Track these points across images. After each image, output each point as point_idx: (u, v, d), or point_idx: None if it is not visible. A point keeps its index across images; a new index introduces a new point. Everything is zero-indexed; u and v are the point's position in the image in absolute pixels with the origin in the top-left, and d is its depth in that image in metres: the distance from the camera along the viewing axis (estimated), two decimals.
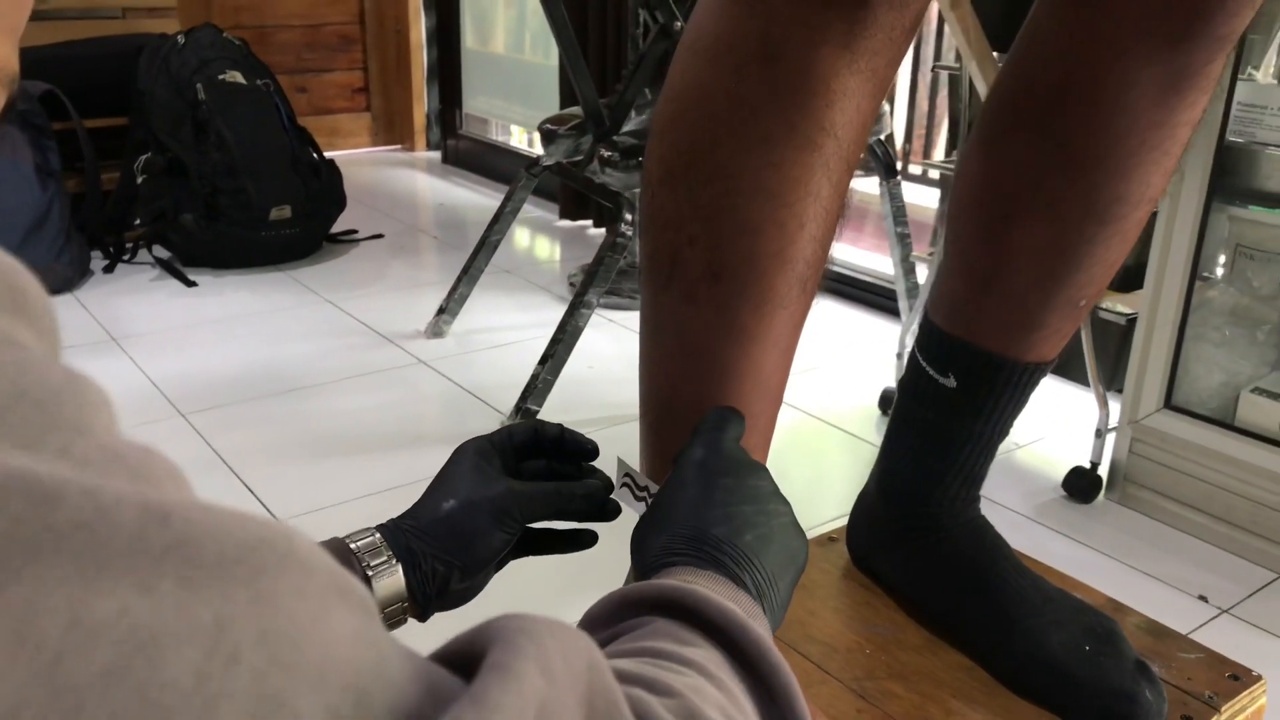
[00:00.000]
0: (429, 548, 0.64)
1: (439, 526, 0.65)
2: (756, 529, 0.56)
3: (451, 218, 3.47)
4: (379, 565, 0.63)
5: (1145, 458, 1.63)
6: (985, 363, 0.84)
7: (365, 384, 2.14)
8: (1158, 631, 0.92)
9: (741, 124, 0.64)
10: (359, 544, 0.64)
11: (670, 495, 0.59)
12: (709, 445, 0.61)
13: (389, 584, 0.63)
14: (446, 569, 0.65)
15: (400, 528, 0.65)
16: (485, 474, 0.66)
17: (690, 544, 0.55)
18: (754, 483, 0.59)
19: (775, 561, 0.56)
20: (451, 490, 0.66)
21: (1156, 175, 0.75)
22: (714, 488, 0.57)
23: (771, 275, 0.66)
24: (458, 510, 0.65)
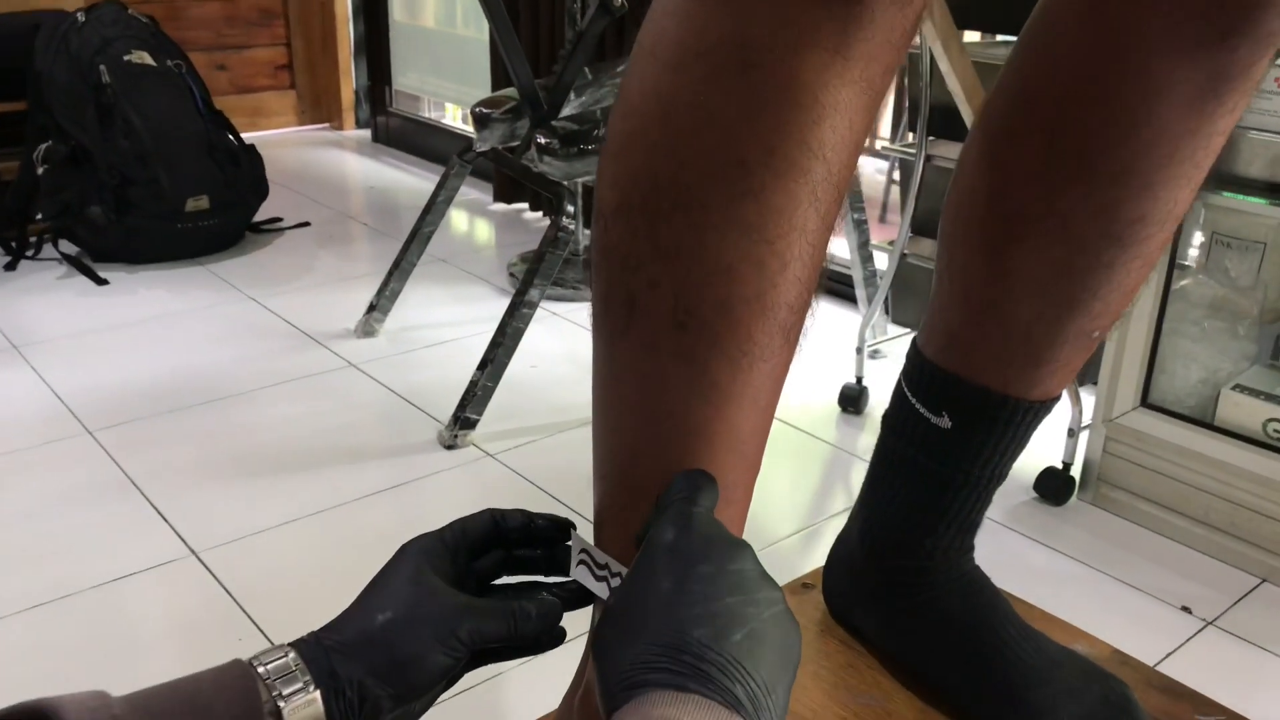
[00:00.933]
0: (356, 671, 0.55)
1: (370, 645, 0.56)
2: (745, 626, 0.47)
3: (383, 202, 3.31)
4: (293, 693, 0.53)
5: (1120, 457, 1.56)
6: (984, 402, 0.73)
7: (291, 391, 1.99)
8: (1170, 689, 0.83)
9: (712, 145, 0.53)
10: (269, 666, 0.54)
11: (638, 590, 0.50)
12: (679, 523, 0.52)
13: (305, 714, 0.53)
14: (376, 697, 0.55)
15: (321, 644, 0.56)
16: (428, 584, 0.58)
17: (668, 654, 0.46)
18: (737, 567, 0.50)
19: (770, 664, 0.47)
20: (388, 601, 0.57)
21: (1185, 190, 0.65)
22: (690, 578, 0.49)
23: (749, 324, 0.55)
24: (394, 627, 0.56)
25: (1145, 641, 1.33)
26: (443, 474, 1.71)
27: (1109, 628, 1.35)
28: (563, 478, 1.69)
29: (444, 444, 1.78)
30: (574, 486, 1.67)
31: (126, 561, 1.46)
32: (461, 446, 1.78)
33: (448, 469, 1.72)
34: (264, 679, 0.53)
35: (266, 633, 1.32)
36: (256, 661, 0.54)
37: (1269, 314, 1.54)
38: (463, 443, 1.78)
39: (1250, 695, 1.26)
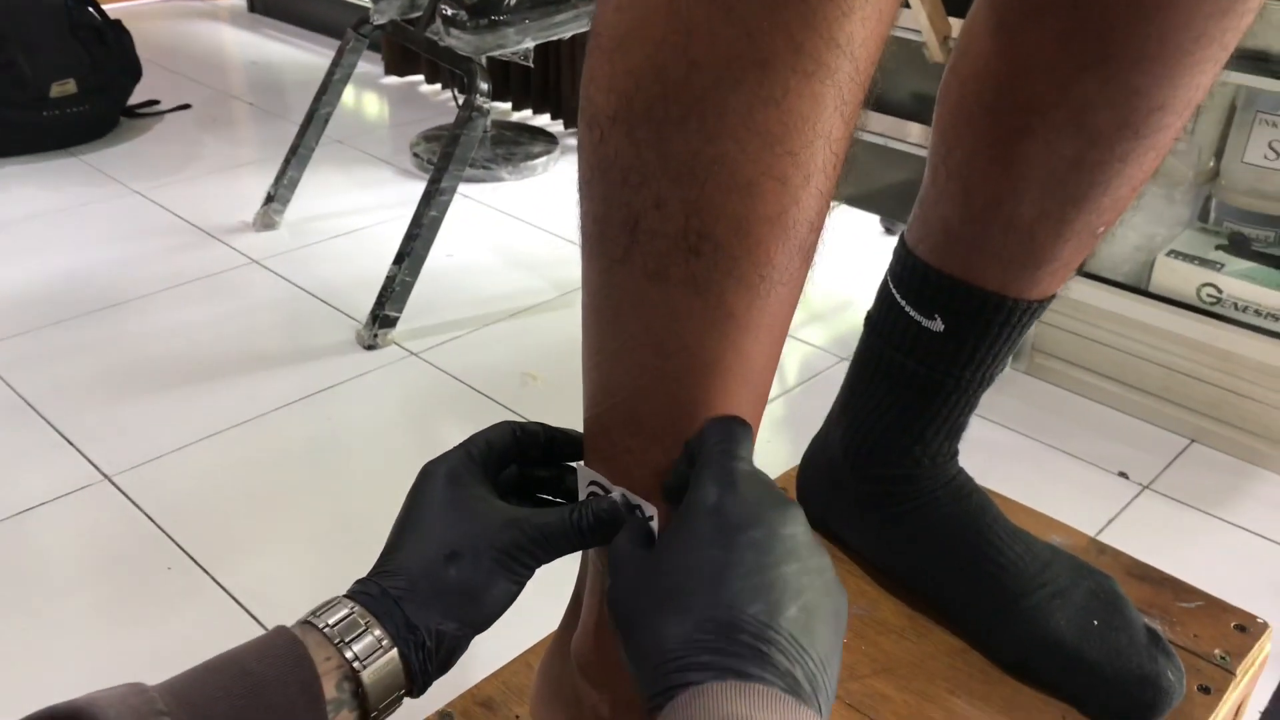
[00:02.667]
0: (433, 619, 0.51)
1: (442, 588, 0.51)
2: (800, 598, 0.44)
3: (267, 78, 3.09)
4: (370, 655, 0.49)
5: (1055, 326, 1.56)
6: (982, 304, 0.69)
7: (191, 293, 1.87)
8: (1148, 576, 0.83)
9: (730, 43, 0.46)
10: (335, 626, 0.49)
11: (681, 557, 0.46)
12: (723, 481, 0.48)
13: (384, 676, 0.50)
14: (454, 638, 0.51)
15: (389, 594, 0.51)
16: (476, 508, 0.54)
17: (722, 633, 0.43)
18: (789, 531, 0.46)
19: (824, 639, 0.44)
20: (444, 533, 0.53)
21: (1209, 75, 0.61)
22: (740, 546, 0.45)
23: (769, 245, 0.49)
24: (461, 563, 0.52)
25: (1086, 509, 1.36)
26: (366, 376, 1.63)
27: (1050, 498, 1.37)
28: (492, 374, 1.63)
29: (364, 344, 1.69)
30: (505, 384, 1.61)
31: (32, 491, 1.36)
32: (382, 346, 1.69)
33: (370, 370, 1.64)
34: (331, 640, 0.49)
35: (197, 559, 1.25)
36: (319, 619, 0.49)
37: (1201, 176, 1.54)
38: (383, 342, 1.70)
39: (1188, 555, 1.29)
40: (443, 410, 1.57)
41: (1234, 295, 1.44)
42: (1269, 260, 1.48)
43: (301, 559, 1.25)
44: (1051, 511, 0.91)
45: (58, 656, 1.13)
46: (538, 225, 2.16)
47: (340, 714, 0.48)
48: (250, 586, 1.21)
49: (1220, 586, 0.83)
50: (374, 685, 0.49)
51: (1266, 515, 1.37)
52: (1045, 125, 0.62)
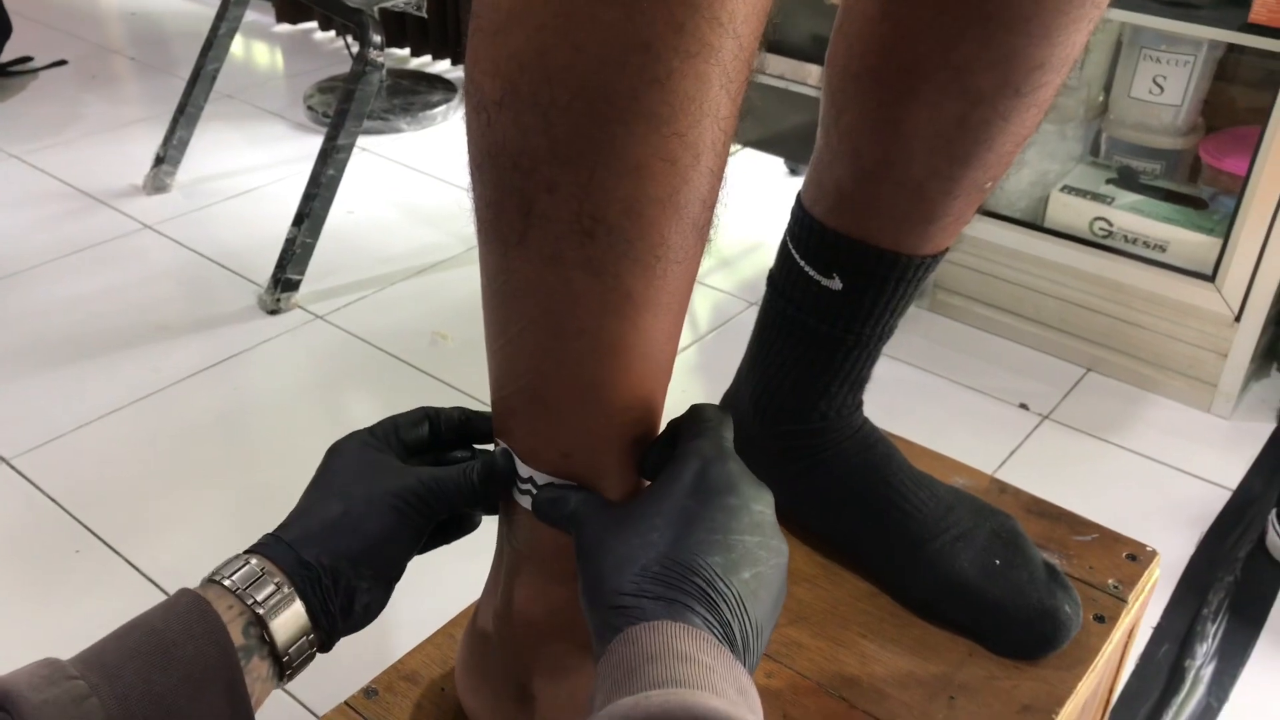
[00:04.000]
0: (327, 557, 0.53)
1: (335, 530, 0.53)
2: (755, 567, 0.48)
3: (147, 30, 2.96)
4: (271, 599, 0.51)
5: (956, 264, 1.59)
6: (877, 262, 0.71)
7: (83, 263, 1.80)
8: (1046, 511, 0.86)
9: (610, 26, 0.45)
10: (234, 577, 0.51)
11: (653, 507, 0.50)
12: (713, 452, 0.52)
13: (288, 618, 0.51)
14: (352, 579, 0.53)
15: (282, 540, 0.53)
16: (380, 464, 0.57)
17: (678, 572, 0.46)
18: (759, 509, 0.50)
19: (765, 610, 0.48)
20: (339, 487, 0.55)
21: (1084, 33, 0.62)
22: (713, 505, 0.49)
23: (662, 226, 0.49)
24: (356, 508, 0.54)
25: (990, 442, 1.41)
26: (271, 342, 1.60)
27: (955, 432, 1.43)
28: (400, 334, 1.61)
29: (266, 309, 1.66)
30: (414, 343, 1.59)
31: None
32: (286, 310, 1.66)
33: (275, 336, 1.61)
34: (232, 590, 0.50)
35: (106, 540, 1.23)
36: (219, 575, 0.51)
37: (1091, 112, 1.57)
38: (287, 306, 1.66)
39: (1087, 481, 1.35)
40: (352, 374, 1.55)
41: (1124, 228, 1.49)
42: (1156, 193, 1.53)
43: (216, 532, 1.24)
44: (957, 445, 0.94)
45: None
46: (440, 177, 2.13)
47: (252, 662, 0.49)
48: (165, 564, 1.19)
49: (1117, 509, 0.87)
50: (279, 626, 0.50)
51: (1159, 439, 1.44)
52: (930, 87, 0.63)
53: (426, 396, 1.48)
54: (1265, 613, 1.21)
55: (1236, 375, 1.45)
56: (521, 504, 0.56)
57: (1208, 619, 1.21)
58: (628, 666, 0.43)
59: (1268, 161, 1.34)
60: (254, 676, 0.50)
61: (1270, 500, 1.32)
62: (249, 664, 0.49)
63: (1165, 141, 1.54)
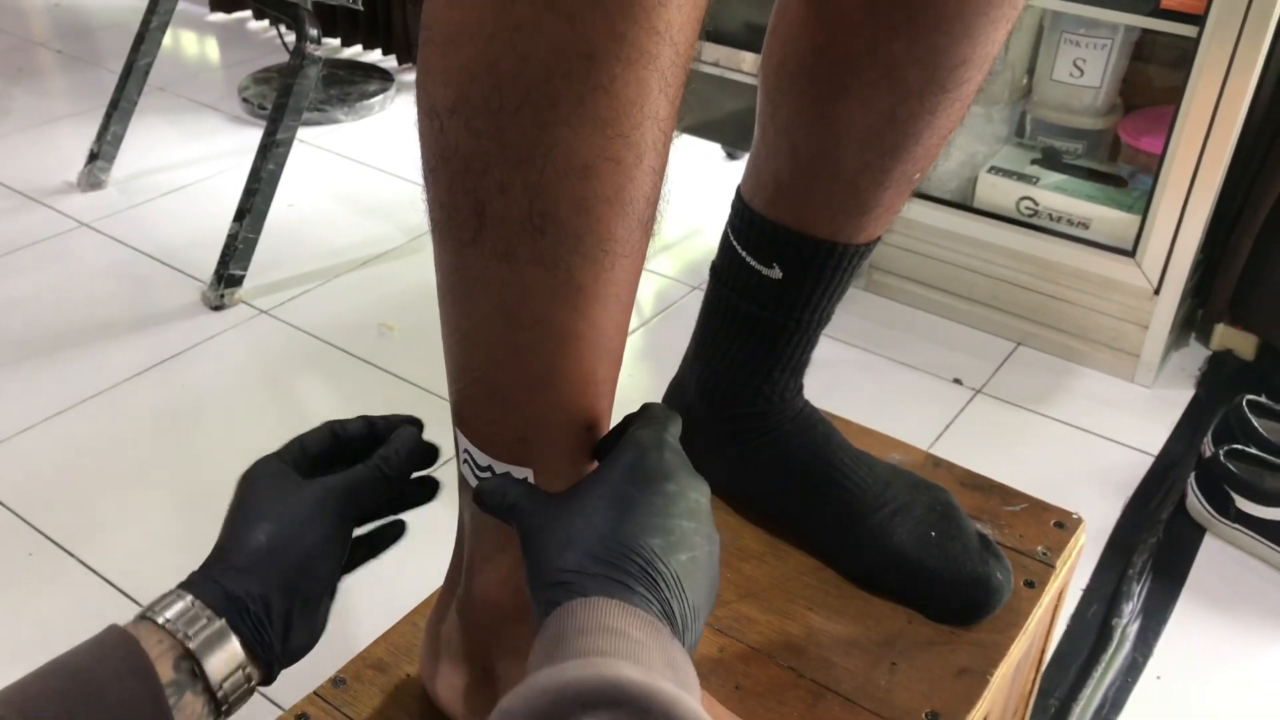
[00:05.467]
0: (255, 585, 0.52)
1: (262, 557, 0.53)
2: (691, 551, 0.49)
3: (73, 21, 2.90)
4: (200, 632, 0.50)
5: (890, 245, 1.64)
6: (815, 251, 0.74)
7: (18, 263, 1.78)
8: (978, 484, 0.90)
9: (555, 36, 0.48)
10: (169, 614, 0.50)
11: (600, 487, 0.52)
12: (654, 442, 0.54)
13: (221, 652, 0.51)
14: (285, 604, 0.53)
15: (208, 574, 0.53)
16: (291, 482, 0.57)
17: (618, 554, 0.48)
18: (696, 496, 0.52)
19: (700, 593, 0.50)
20: (256, 515, 0.55)
21: (1003, 31, 0.66)
22: (654, 491, 0.51)
23: (609, 222, 0.52)
24: (278, 530, 0.54)
25: (926, 416, 1.46)
26: (216, 339, 1.60)
27: (892, 408, 1.47)
28: (346, 326, 1.62)
29: (210, 305, 1.65)
30: (360, 335, 1.60)
31: None
32: (230, 306, 1.66)
33: (220, 332, 1.61)
34: (162, 625, 0.50)
35: (59, 542, 1.23)
36: (150, 612, 0.50)
37: (1016, 94, 1.62)
38: (231, 302, 1.66)
39: (1019, 451, 1.41)
40: (299, 368, 1.56)
41: (1049, 207, 1.55)
42: (1078, 172, 1.58)
43: (168, 530, 1.24)
44: (893, 420, 0.98)
45: None
46: (379, 168, 2.13)
47: (184, 698, 0.49)
48: (119, 564, 1.20)
49: (1047, 477, 0.92)
50: (213, 662, 0.50)
51: (1086, 409, 1.50)
52: (860, 84, 0.66)
53: (374, 388, 1.49)
54: (1186, 572, 1.28)
55: (1157, 345, 1.52)
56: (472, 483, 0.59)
57: (1133, 579, 1.27)
58: (557, 638, 0.44)
59: (1182, 140, 1.40)
60: (187, 714, 0.49)
61: (1189, 465, 1.39)
62: (180, 700, 0.49)
63: (1086, 122, 1.60)
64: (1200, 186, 1.41)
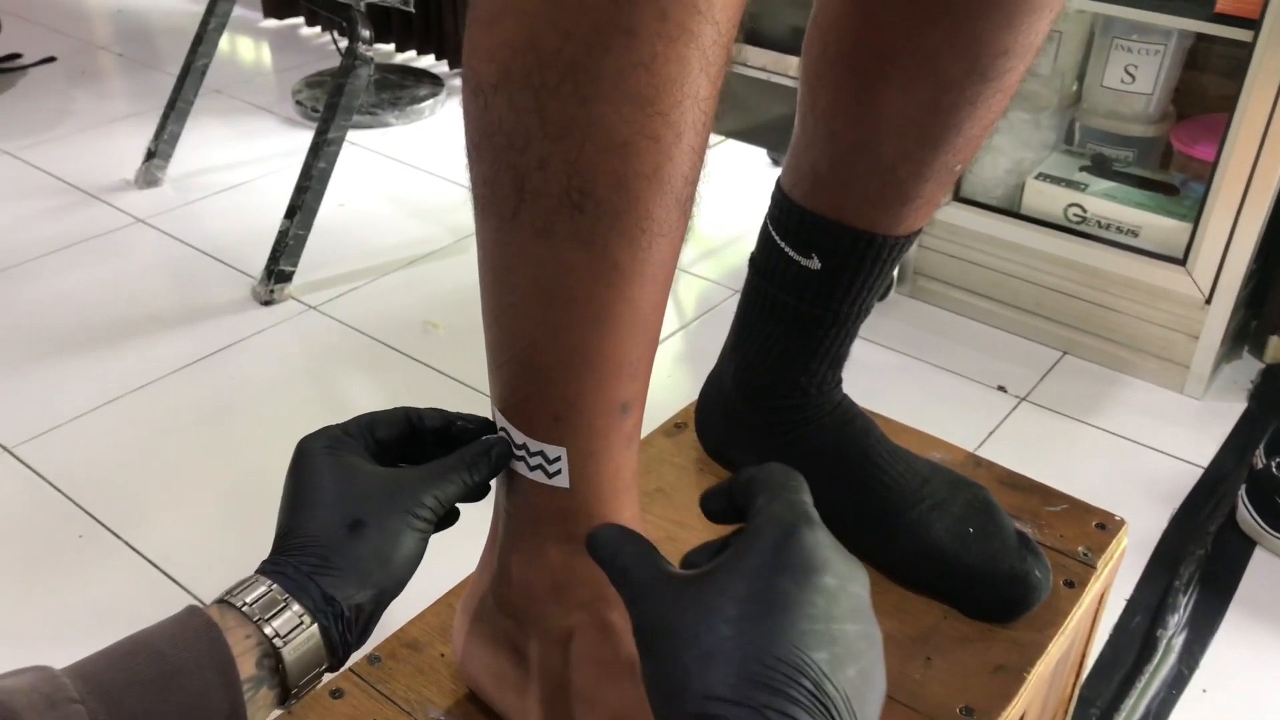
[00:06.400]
0: (354, 591, 0.51)
1: (350, 555, 0.52)
2: (859, 661, 0.42)
3: (135, 26, 2.97)
4: (291, 634, 0.49)
5: (935, 250, 1.63)
6: (853, 242, 0.74)
7: (77, 257, 1.82)
8: (1019, 484, 0.90)
9: (597, 12, 0.48)
10: (253, 604, 0.49)
11: (741, 584, 0.43)
12: (796, 520, 0.46)
13: (306, 652, 0.50)
14: (372, 609, 0.52)
15: (302, 570, 0.51)
16: (366, 472, 0.55)
17: (783, 674, 0.40)
18: (856, 590, 0.44)
19: (871, 710, 0.42)
20: (339, 502, 0.53)
21: (1046, 20, 0.65)
22: (812, 587, 0.42)
23: (647, 200, 0.53)
24: (366, 528, 0.52)
25: (969, 423, 1.44)
26: (265, 333, 1.62)
27: (935, 414, 1.46)
28: (393, 323, 1.64)
29: (260, 300, 1.68)
30: (407, 332, 1.62)
31: None
32: (280, 301, 1.69)
33: (269, 327, 1.64)
34: (250, 617, 0.48)
35: (109, 525, 1.25)
36: (235, 598, 0.49)
37: (1065, 101, 1.61)
38: (280, 297, 1.69)
39: (1063, 460, 1.39)
40: (345, 363, 1.58)
41: (1097, 214, 1.53)
42: (1128, 179, 1.56)
43: (213, 518, 1.26)
44: (936, 426, 0.97)
45: None
46: (428, 170, 2.15)
47: (260, 692, 0.48)
48: (165, 549, 1.22)
49: (1092, 486, 0.91)
50: (295, 662, 0.49)
51: (1132, 419, 1.48)
52: (900, 73, 0.66)
53: (418, 384, 1.50)
54: (1234, 585, 1.25)
55: (1208, 357, 1.49)
56: (517, 469, 0.59)
57: (1179, 591, 1.25)
58: None
59: (1236, 147, 1.38)
60: (257, 705, 0.48)
61: (1240, 477, 1.36)
62: (255, 695, 0.48)
63: (1137, 129, 1.58)
64: (1254, 194, 1.39)
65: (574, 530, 0.61)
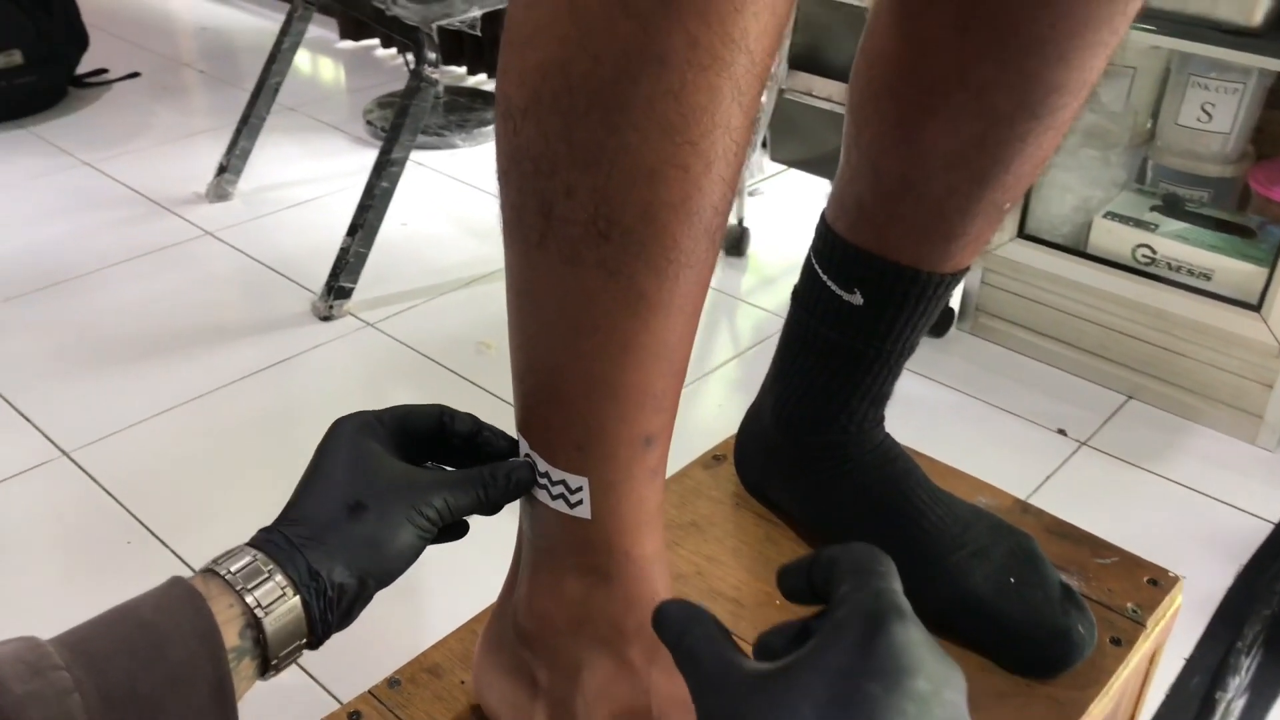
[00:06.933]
0: (336, 568, 0.51)
1: (346, 538, 0.52)
2: None
3: (218, 44, 3.06)
4: (273, 604, 0.49)
5: (997, 288, 1.59)
6: (897, 278, 0.72)
7: (145, 267, 1.87)
8: (1067, 533, 0.86)
9: (627, 39, 0.48)
10: (237, 572, 0.50)
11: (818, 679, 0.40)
12: (886, 612, 0.41)
13: (286, 624, 0.50)
14: (356, 592, 0.52)
15: (292, 541, 0.52)
16: (383, 461, 0.55)
17: None
18: (951, 696, 0.40)
19: None
20: (348, 485, 0.54)
21: (1101, 58, 0.63)
22: (903, 691, 0.39)
23: (674, 230, 0.52)
24: (365, 514, 0.53)
25: (1025, 467, 1.40)
26: (322, 348, 1.64)
27: (990, 455, 1.42)
28: (447, 343, 1.65)
29: (319, 315, 1.70)
30: (460, 353, 1.63)
31: None
32: (338, 317, 1.71)
33: (326, 342, 1.66)
34: (233, 586, 0.48)
35: (156, 532, 1.27)
36: (220, 567, 0.49)
37: (1138, 138, 1.57)
38: (339, 313, 1.71)
39: (1123, 509, 1.34)
40: (398, 380, 1.59)
41: (1168, 255, 1.48)
42: (1201, 220, 1.52)
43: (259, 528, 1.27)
44: (992, 468, 0.94)
45: (17, 632, 1.15)
46: (491, 192, 2.16)
47: (243, 662, 0.48)
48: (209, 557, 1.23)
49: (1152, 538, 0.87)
50: (275, 633, 0.49)
51: (1199, 469, 1.42)
52: (947, 106, 0.64)
53: (469, 403, 1.50)
54: None
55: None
56: (539, 497, 0.58)
57: (1242, 652, 1.20)
58: None
59: None
60: (240, 675, 0.48)
61: None
62: (238, 665, 0.48)
63: (1213, 169, 1.53)
64: None
65: (595, 562, 0.60)
